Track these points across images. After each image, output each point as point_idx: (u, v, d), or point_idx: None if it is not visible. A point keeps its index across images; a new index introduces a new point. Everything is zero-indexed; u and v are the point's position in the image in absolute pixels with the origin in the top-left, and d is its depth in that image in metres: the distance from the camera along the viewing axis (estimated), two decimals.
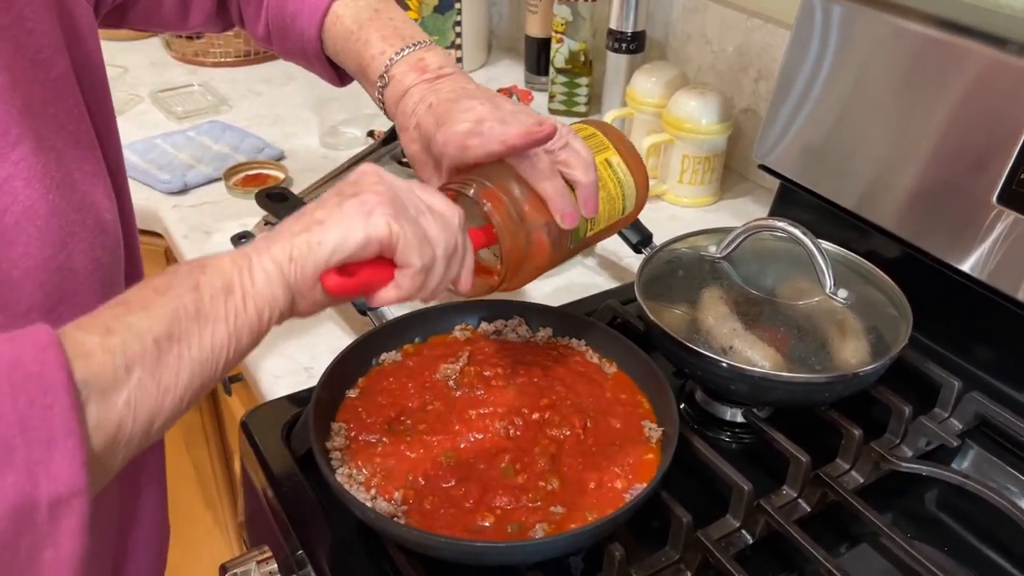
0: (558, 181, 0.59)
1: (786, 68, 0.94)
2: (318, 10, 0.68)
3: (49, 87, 0.57)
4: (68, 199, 0.56)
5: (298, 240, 0.47)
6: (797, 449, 0.68)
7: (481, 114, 0.59)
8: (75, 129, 0.59)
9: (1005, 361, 0.80)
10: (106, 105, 0.66)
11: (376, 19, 0.67)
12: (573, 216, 0.60)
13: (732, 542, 0.64)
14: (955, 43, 0.79)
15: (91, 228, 0.58)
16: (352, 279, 0.48)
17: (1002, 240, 0.77)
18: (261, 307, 0.47)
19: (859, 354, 0.71)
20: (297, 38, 0.70)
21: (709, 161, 1.10)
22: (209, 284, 0.45)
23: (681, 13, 1.23)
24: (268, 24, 0.72)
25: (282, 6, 0.70)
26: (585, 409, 0.68)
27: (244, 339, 0.46)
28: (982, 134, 0.77)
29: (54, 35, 0.58)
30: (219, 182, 1.15)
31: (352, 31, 0.67)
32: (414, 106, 0.64)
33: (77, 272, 0.57)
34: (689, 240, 0.84)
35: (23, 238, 0.54)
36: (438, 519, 0.59)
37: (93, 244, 0.58)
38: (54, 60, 0.58)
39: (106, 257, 0.60)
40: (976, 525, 0.69)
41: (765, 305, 0.75)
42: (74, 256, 0.57)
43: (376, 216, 0.48)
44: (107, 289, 0.61)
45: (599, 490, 0.62)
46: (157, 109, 1.37)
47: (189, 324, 0.44)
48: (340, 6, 0.68)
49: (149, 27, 0.74)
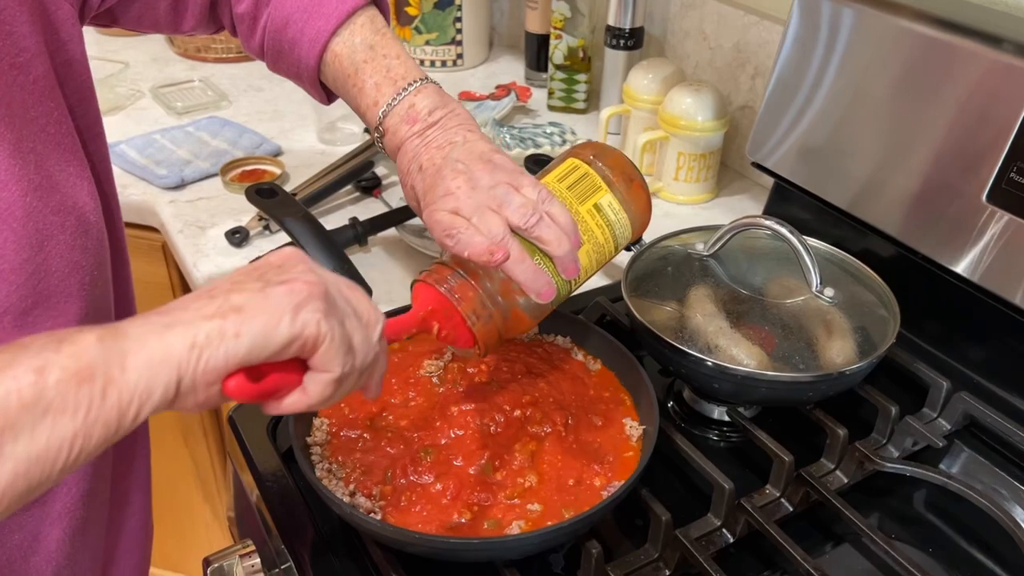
0: (529, 264, 0.59)
1: (781, 66, 0.94)
2: (317, 44, 0.69)
3: (28, 90, 0.57)
4: (46, 202, 0.56)
5: (207, 327, 0.40)
6: (780, 448, 0.67)
7: (458, 202, 0.60)
8: (56, 131, 0.60)
9: (995, 362, 0.80)
10: (91, 107, 0.66)
11: (371, 60, 0.68)
12: (550, 292, 0.60)
13: (712, 541, 0.64)
14: (949, 41, 0.78)
15: (71, 230, 0.58)
16: (258, 385, 0.42)
17: (993, 241, 0.76)
18: (127, 402, 0.38)
19: (845, 353, 0.71)
20: (294, 64, 0.71)
21: (705, 158, 1.09)
22: (59, 366, 0.37)
23: (679, 9, 1.23)
24: (263, 44, 0.73)
25: (280, 31, 0.70)
26: (567, 406, 0.68)
27: (96, 437, 0.38)
28: (973, 133, 0.76)
29: (33, 38, 0.58)
30: (216, 177, 1.15)
31: (349, 74, 0.68)
32: (408, 165, 0.66)
33: (54, 274, 0.57)
34: (679, 237, 0.84)
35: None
36: (415, 515, 0.59)
37: (72, 246, 0.58)
38: (33, 63, 0.58)
39: (87, 259, 0.60)
40: (961, 526, 0.69)
41: (752, 303, 0.75)
42: (51, 259, 0.57)
43: (307, 312, 0.42)
44: (87, 291, 0.61)
45: (578, 487, 0.62)
46: (157, 104, 1.37)
47: (21, 414, 0.36)
48: (338, 44, 0.69)
49: (141, 29, 0.75)
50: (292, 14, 0.70)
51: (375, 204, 1.11)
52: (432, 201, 0.61)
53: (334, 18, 0.68)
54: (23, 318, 0.56)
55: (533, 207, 0.59)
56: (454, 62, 1.53)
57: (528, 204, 0.59)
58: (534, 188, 0.60)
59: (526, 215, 0.59)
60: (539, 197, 0.60)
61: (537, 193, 0.60)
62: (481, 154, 0.62)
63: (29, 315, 0.56)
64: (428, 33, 1.49)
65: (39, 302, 0.57)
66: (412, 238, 1.00)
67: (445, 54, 1.52)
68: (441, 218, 0.60)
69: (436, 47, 1.51)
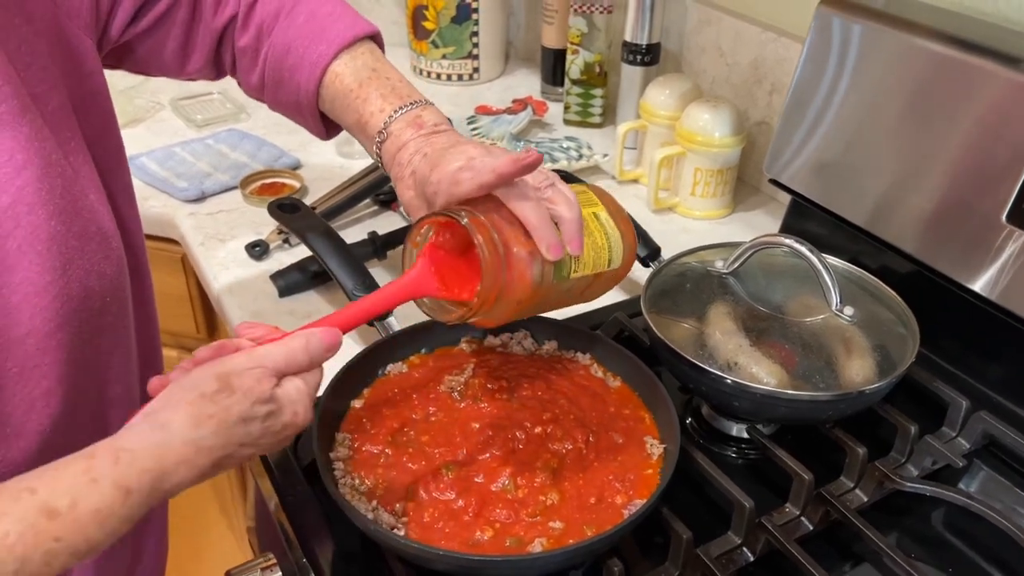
0: (543, 211, 0.59)
1: (798, 83, 0.94)
2: (318, 67, 0.69)
3: (47, 118, 0.59)
4: (69, 226, 0.58)
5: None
6: (800, 467, 0.68)
7: (472, 153, 0.60)
8: (75, 160, 0.61)
9: (1014, 381, 0.80)
10: (113, 135, 0.68)
11: (375, 78, 0.69)
12: (558, 248, 0.59)
13: (733, 559, 0.64)
14: (967, 61, 0.78)
15: (90, 255, 0.60)
16: None
17: (1012, 260, 0.76)
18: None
19: (865, 372, 0.71)
20: (293, 91, 0.72)
21: (722, 174, 1.10)
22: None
23: (696, 25, 1.23)
24: (264, 76, 0.73)
25: (281, 59, 0.71)
26: (588, 423, 0.68)
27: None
28: (992, 153, 0.77)
29: (52, 69, 0.60)
30: (236, 190, 1.17)
31: (352, 89, 0.69)
32: (410, 157, 0.66)
33: (74, 298, 0.58)
34: (697, 254, 0.84)
35: (24, 263, 0.55)
36: (437, 532, 0.59)
37: (90, 271, 0.60)
38: (51, 94, 0.59)
39: (105, 285, 0.61)
40: (981, 546, 0.69)
41: (772, 321, 0.75)
42: (72, 283, 0.58)
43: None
44: (104, 315, 0.62)
45: (599, 505, 0.62)
46: (177, 117, 1.39)
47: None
48: (339, 65, 0.70)
49: (148, 70, 0.75)
50: (294, 41, 0.71)
51: (393, 217, 1.12)
52: (443, 163, 0.61)
53: (336, 43, 0.69)
54: (47, 340, 0.58)
55: (545, 175, 0.61)
56: (471, 76, 1.54)
57: (541, 172, 0.61)
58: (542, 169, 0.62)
59: (539, 178, 0.61)
60: (548, 173, 0.62)
61: (547, 169, 0.62)
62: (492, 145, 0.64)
63: (52, 337, 0.58)
64: (445, 47, 1.50)
65: (61, 325, 0.58)
66: None
67: (462, 68, 1.53)
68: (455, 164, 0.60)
69: (453, 61, 1.52)
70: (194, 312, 1.22)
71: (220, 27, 0.73)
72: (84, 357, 0.61)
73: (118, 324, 0.65)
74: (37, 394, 0.58)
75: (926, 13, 0.87)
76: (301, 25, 0.71)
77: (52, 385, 0.59)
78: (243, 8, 0.73)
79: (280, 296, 0.95)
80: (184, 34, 0.73)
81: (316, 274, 0.95)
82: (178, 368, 0.55)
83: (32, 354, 0.57)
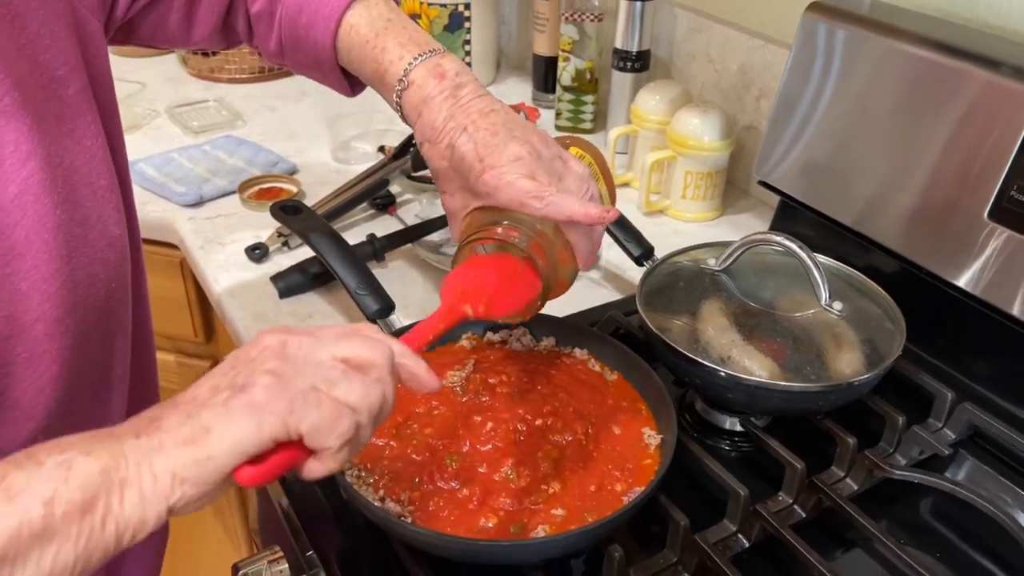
0: (591, 239, 0.66)
1: (785, 88, 0.97)
2: (332, 20, 0.69)
3: (67, 103, 0.59)
4: (72, 215, 0.59)
5: (183, 455, 0.42)
6: (792, 456, 0.70)
7: (530, 167, 0.63)
8: (91, 144, 0.62)
9: (998, 373, 0.82)
10: (116, 122, 0.69)
11: (391, 28, 0.69)
12: (593, 259, 0.66)
13: (729, 545, 0.66)
14: (949, 65, 0.81)
15: (94, 244, 0.61)
16: (265, 466, 0.44)
17: (995, 256, 0.79)
18: (123, 530, 0.42)
19: (854, 365, 0.73)
20: (311, 49, 0.72)
21: (711, 177, 1.12)
22: (66, 497, 0.40)
23: (685, 33, 1.26)
24: (281, 38, 0.74)
25: (295, 19, 0.71)
26: (587, 416, 0.70)
27: (94, 559, 0.42)
28: (974, 153, 0.79)
29: (72, 52, 0.60)
30: (234, 195, 1.18)
31: (368, 39, 0.69)
32: (444, 122, 0.66)
33: (79, 285, 0.60)
34: (689, 253, 0.87)
35: (32, 251, 0.56)
36: (443, 520, 0.61)
37: (95, 259, 0.61)
38: (71, 77, 0.60)
39: (109, 272, 0.63)
40: (968, 533, 0.71)
41: (763, 317, 0.78)
42: (77, 270, 0.59)
43: (267, 416, 0.43)
44: (108, 302, 0.63)
45: (599, 493, 0.64)
46: (173, 124, 1.40)
47: (30, 543, 0.39)
48: (353, 15, 0.70)
49: (154, 43, 0.76)
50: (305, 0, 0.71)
51: (390, 221, 1.14)
52: (497, 164, 0.63)
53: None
54: (55, 326, 0.59)
55: (585, 183, 0.65)
56: None
57: (581, 179, 0.65)
58: (578, 164, 0.66)
59: (583, 188, 0.64)
60: (585, 172, 0.66)
61: (582, 169, 0.66)
62: (527, 125, 0.66)
63: (61, 323, 0.59)
64: None
65: (69, 311, 0.59)
66: (428, 253, 1.02)
67: None
68: (519, 182, 0.62)
69: None
70: (192, 316, 1.23)
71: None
72: (89, 342, 0.63)
73: (121, 310, 0.66)
74: (46, 379, 0.59)
75: (909, 19, 0.90)
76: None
77: (59, 370, 0.60)
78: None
79: (280, 297, 0.97)
80: (187, 4, 0.73)
81: (316, 275, 0.97)
82: None
83: (41, 339, 0.58)
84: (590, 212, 0.62)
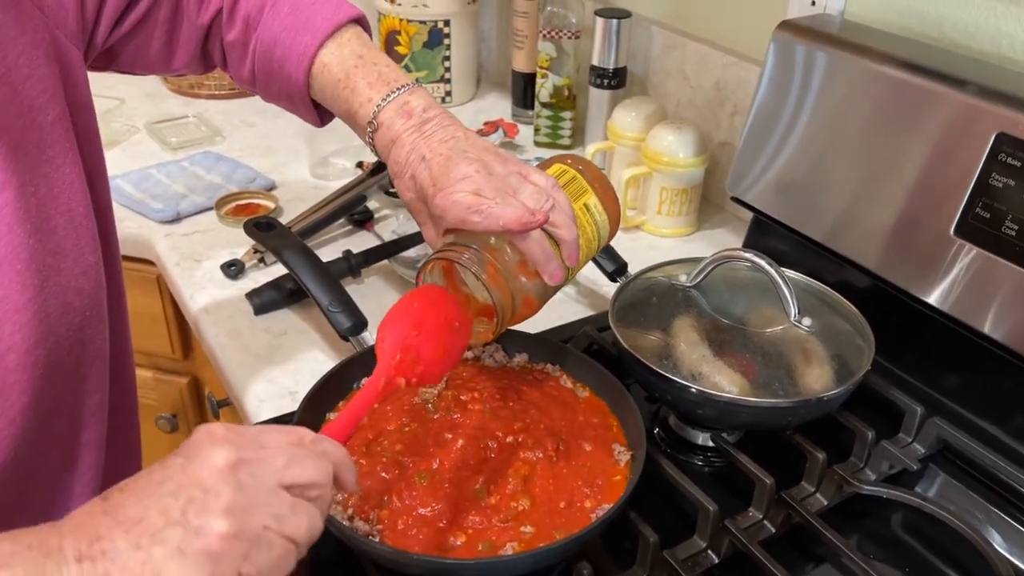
0: (546, 245, 0.63)
1: (758, 105, 0.98)
2: (305, 58, 0.70)
3: (47, 130, 0.60)
4: (46, 243, 0.59)
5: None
6: (762, 471, 0.70)
7: (477, 184, 0.62)
8: (69, 172, 0.62)
9: (967, 388, 0.83)
10: (96, 148, 0.69)
11: (361, 66, 0.70)
12: (560, 275, 0.64)
13: (698, 562, 0.66)
14: (918, 83, 0.82)
15: (68, 272, 0.61)
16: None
17: (962, 273, 0.79)
18: None
19: (823, 380, 0.74)
20: (284, 82, 0.73)
21: (686, 193, 1.13)
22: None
23: (661, 50, 1.27)
24: (254, 69, 0.74)
25: (269, 51, 0.72)
26: (557, 432, 0.70)
27: None
28: (941, 170, 0.80)
29: (51, 81, 0.61)
30: (211, 211, 1.18)
31: (339, 79, 0.70)
32: (407, 156, 0.67)
33: (52, 314, 0.60)
34: (663, 269, 0.87)
35: (4, 281, 0.56)
36: (412, 538, 0.61)
37: (68, 288, 0.61)
38: (49, 106, 0.60)
39: (83, 301, 0.63)
40: (936, 547, 0.71)
41: (734, 332, 0.78)
42: (50, 299, 0.59)
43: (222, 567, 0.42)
44: (82, 330, 0.63)
45: (568, 510, 0.64)
46: (152, 140, 1.40)
47: None
48: (326, 55, 0.70)
49: (134, 70, 0.76)
50: (280, 33, 0.71)
51: (367, 237, 1.14)
52: (447, 185, 0.63)
53: (321, 32, 0.70)
54: (26, 356, 0.59)
55: (545, 193, 0.63)
56: (443, 99, 1.57)
57: (541, 191, 0.63)
58: (543, 177, 0.65)
59: (540, 200, 0.63)
60: (548, 184, 0.64)
61: (546, 181, 0.65)
62: (487, 147, 0.66)
63: (31, 354, 0.59)
64: (418, 71, 1.53)
65: (39, 341, 0.59)
66: (404, 270, 1.02)
67: (434, 92, 1.56)
68: (462, 199, 0.62)
69: (425, 84, 1.55)
70: (169, 332, 1.23)
71: (206, 23, 0.74)
72: (63, 371, 0.63)
73: (96, 337, 0.66)
74: (16, 409, 0.59)
75: (878, 38, 0.91)
76: (286, 16, 0.71)
77: (30, 400, 0.60)
78: (227, 2, 0.73)
79: (256, 314, 0.97)
80: (167, 32, 0.73)
81: (291, 292, 0.97)
82: None
83: (12, 370, 0.58)
84: (521, 217, 0.61)
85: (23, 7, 0.60)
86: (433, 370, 0.62)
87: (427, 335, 0.61)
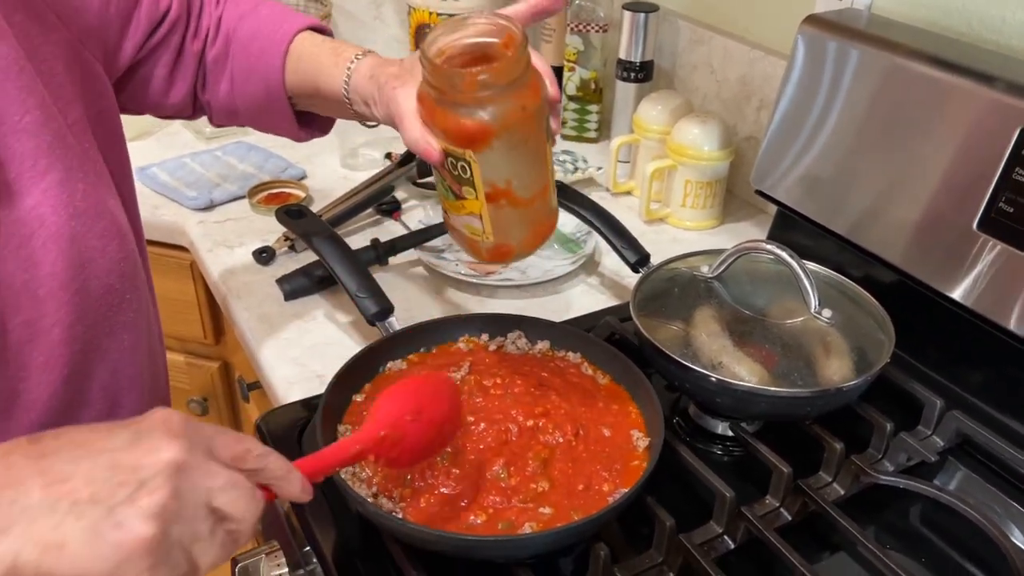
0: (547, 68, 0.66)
1: (784, 99, 0.98)
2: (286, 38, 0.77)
3: (72, 130, 0.64)
4: (88, 227, 0.62)
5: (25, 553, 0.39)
6: (779, 460, 0.71)
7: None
8: (93, 168, 0.66)
9: (988, 383, 0.83)
10: (121, 152, 0.73)
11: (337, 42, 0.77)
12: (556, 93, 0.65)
13: (714, 547, 0.68)
14: (944, 79, 0.82)
15: (111, 254, 0.64)
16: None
17: (986, 269, 0.80)
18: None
19: (842, 371, 0.75)
20: (262, 76, 0.77)
21: (711, 186, 1.14)
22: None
23: (687, 44, 1.28)
24: (233, 73, 0.79)
25: (247, 47, 0.78)
26: (577, 418, 0.71)
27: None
28: (966, 165, 0.80)
29: (71, 86, 0.65)
30: (243, 199, 1.21)
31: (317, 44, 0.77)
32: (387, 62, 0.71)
33: (91, 294, 0.63)
34: (685, 260, 0.88)
35: (48, 259, 0.60)
36: (434, 516, 0.63)
37: (108, 270, 0.64)
38: (71, 107, 0.64)
39: (118, 283, 0.66)
40: (953, 538, 0.72)
41: (754, 324, 0.79)
42: (89, 280, 0.63)
43: (127, 567, 0.40)
44: (113, 311, 0.66)
45: (586, 493, 0.65)
46: (186, 129, 1.43)
47: None
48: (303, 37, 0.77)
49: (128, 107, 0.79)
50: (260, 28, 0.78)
51: (395, 226, 1.16)
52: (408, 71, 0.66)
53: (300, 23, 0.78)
54: (69, 331, 0.62)
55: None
56: None
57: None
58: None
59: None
60: None
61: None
62: None
63: (73, 329, 0.62)
64: None
65: (79, 319, 0.63)
66: (430, 258, 1.04)
67: None
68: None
69: None
70: (201, 318, 1.26)
71: (198, 51, 0.79)
72: (103, 348, 0.66)
73: (138, 318, 0.69)
74: (59, 383, 0.62)
75: (904, 32, 0.91)
76: (265, 16, 0.78)
77: (71, 373, 0.63)
78: (211, 23, 0.79)
79: (285, 300, 0.99)
80: (172, 61, 0.78)
81: (320, 278, 0.99)
82: None
83: (56, 344, 0.61)
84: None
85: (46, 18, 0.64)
86: (406, 459, 0.60)
87: (420, 424, 0.60)
